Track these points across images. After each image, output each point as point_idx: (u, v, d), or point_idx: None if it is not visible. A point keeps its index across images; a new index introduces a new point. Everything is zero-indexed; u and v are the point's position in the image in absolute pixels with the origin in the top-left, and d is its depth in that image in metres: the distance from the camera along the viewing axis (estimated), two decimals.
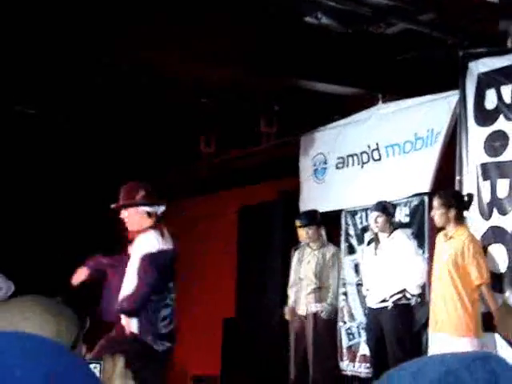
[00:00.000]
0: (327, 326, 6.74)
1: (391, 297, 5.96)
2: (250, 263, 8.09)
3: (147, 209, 4.66)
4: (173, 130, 8.57)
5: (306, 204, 7.50)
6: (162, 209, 4.73)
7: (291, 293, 6.90)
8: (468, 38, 5.50)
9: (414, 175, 6.46)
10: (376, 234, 6.23)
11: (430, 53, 5.81)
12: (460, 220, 5.21)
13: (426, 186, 6.28)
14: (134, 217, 4.66)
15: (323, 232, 6.93)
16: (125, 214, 4.68)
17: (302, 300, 6.79)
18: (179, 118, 8.20)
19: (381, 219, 6.09)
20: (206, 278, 9.09)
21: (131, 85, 6.93)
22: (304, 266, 6.84)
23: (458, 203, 5.21)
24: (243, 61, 6.03)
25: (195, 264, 9.13)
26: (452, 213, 5.14)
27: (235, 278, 8.25)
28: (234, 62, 6.04)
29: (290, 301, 6.87)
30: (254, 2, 5.54)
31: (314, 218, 6.85)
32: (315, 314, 6.70)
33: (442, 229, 5.29)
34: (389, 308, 5.97)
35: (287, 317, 6.85)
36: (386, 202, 6.24)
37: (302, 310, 6.77)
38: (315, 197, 7.47)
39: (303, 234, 6.82)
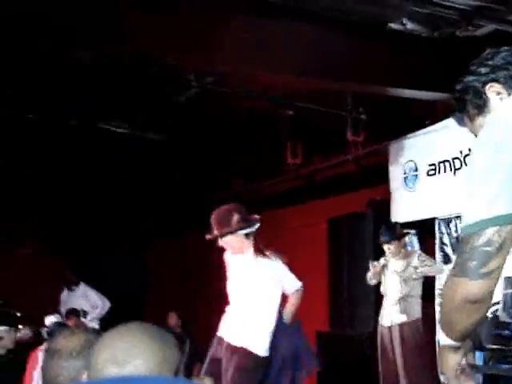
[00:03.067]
0: (414, 335, 6.58)
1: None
2: (341, 275, 7.98)
3: (244, 231, 4.69)
4: (260, 141, 8.60)
5: (398, 213, 7.35)
6: (257, 225, 4.77)
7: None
8: None
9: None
10: None
11: None
12: None
13: None
14: (233, 243, 4.70)
15: (417, 242, 6.79)
16: (224, 241, 4.70)
17: (386, 311, 6.67)
18: (266, 129, 8.22)
19: None
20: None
21: (218, 96, 6.97)
22: (389, 275, 6.72)
23: None
24: (330, 70, 5.97)
25: None
26: None
27: (327, 290, 8.15)
28: (321, 72, 5.99)
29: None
30: (338, 11, 5.47)
31: (393, 234, 6.75)
32: (400, 325, 6.56)
33: None
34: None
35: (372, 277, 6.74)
36: None
37: (386, 321, 6.65)
38: (407, 205, 7.32)
39: (386, 249, 6.76)
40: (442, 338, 1.86)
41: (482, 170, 1.67)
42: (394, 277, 6.69)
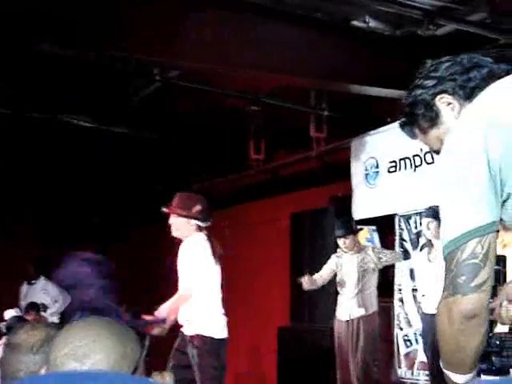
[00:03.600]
0: (373, 330, 6.66)
1: None
2: (302, 270, 8.04)
3: (199, 223, 4.86)
4: (222, 137, 8.60)
5: (359, 209, 7.43)
6: (209, 223, 4.95)
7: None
8: None
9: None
10: (429, 240, 6.12)
11: (481, 53, 5.67)
12: None
13: None
14: (183, 226, 4.87)
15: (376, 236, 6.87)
16: (175, 221, 4.89)
17: (344, 305, 6.74)
18: (229, 125, 8.22)
19: (433, 225, 5.98)
20: (259, 286, 9.08)
21: (182, 90, 6.96)
22: (345, 270, 6.78)
23: None
24: (292, 66, 6.00)
25: (249, 271, 9.14)
26: None
27: (289, 286, 8.21)
28: (283, 68, 6.02)
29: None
30: (302, 8, 5.51)
31: (349, 228, 6.80)
32: (359, 319, 6.64)
33: None
34: None
35: (305, 286, 6.76)
36: (437, 206, 6.10)
37: (344, 316, 6.71)
38: (368, 201, 7.40)
39: (341, 243, 6.79)
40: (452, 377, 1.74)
41: (452, 186, 1.67)
42: (350, 271, 6.74)
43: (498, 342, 1.92)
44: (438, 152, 1.87)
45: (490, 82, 1.80)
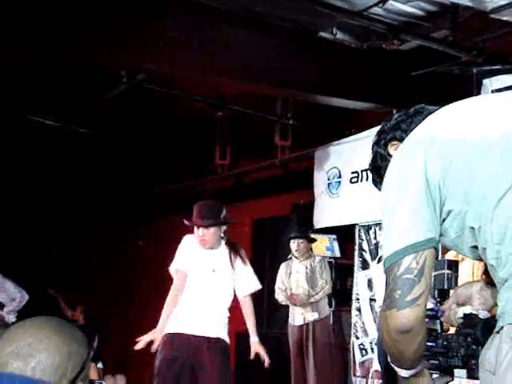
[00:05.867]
0: (325, 334, 6.78)
1: None
2: (263, 276, 8.09)
3: (224, 227, 4.73)
4: (188, 142, 8.64)
5: (320, 218, 7.50)
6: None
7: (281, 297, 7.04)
8: (482, 56, 5.50)
9: None
10: None
11: (444, 69, 5.81)
12: None
13: None
14: (215, 235, 4.68)
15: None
16: (207, 232, 4.65)
17: (297, 310, 6.85)
18: (194, 130, 8.26)
19: None
20: None
21: (146, 97, 6.99)
22: (294, 276, 6.92)
23: None
24: (258, 74, 6.06)
25: None
26: None
27: None
28: (249, 76, 6.07)
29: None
30: (270, 17, 5.57)
31: (304, 232, 7.05)
32: (313, 323, 6.76)
33: None
34: None
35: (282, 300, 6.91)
36: None
37: (297, 321, 6.81)
38: (329, 211, 7.47)
39: (294, 246, 6.97)
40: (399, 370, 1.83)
41: (391, 202, 1.72)
42: (299, 277, 6.88)
43: (444, 343, 2.00)
44: None
45: None
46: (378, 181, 2.01)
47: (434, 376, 1.98)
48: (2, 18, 4.90)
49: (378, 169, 2.02)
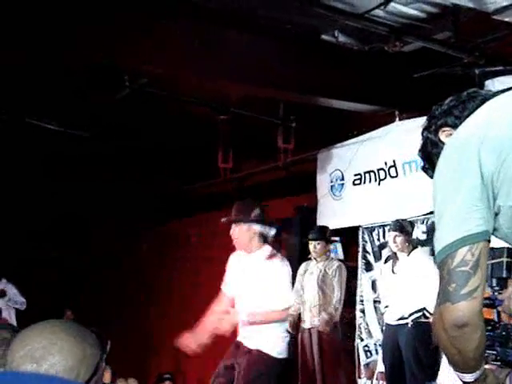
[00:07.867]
0: (331, 339, 6.72)
1: (410, 315, 5.93)
2: None
3: (259, 228, 4.50)
4: (190, 146, 8.64)
5: (323, 220, 7.51)
6: (272, 232, 4.58)
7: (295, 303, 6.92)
8: (484, 57, 5.50)
9: (430, 192, 6.44)
10: (395, 253, 6.20)
11: (446, 70, 5.82)
12: None
13: None
14: (245, 234, 4.50)
15: (339, 248, 6.95)
16: (236, 230, 4.52)
17: (306, 313, 6.81)
18: (197, 134, 8.26)
19: (399, 239, 6.08)
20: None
21: (150, 100, 6.99)
22: (307, 277, 6.85)
23: None
24: (261, 77, 6.06)
25: (217, 280, 9.14)
26: None
27: None
28: (252, 79, 6.08)
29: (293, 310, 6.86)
30: (273, 20, 5.58)
31: (323, 234, 6.90)
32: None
33: None
34: (408, 326, 5.94)
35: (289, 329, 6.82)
36: (403, 220, 6.20)
37: (306, 323, 6.77)
38: (332, 213, 7.49)
39: (312, 247, 6.86)
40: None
41: (445, 193, 1.71)
42: (312, 280, 6.81)
43: (503, 333, 1.93)
44: None
45: None
46: (428, 167, 1.99)
47: (493, 367, 1.90)
48: (2, 18, 4.90)
49: (428, 155, 1.99)
